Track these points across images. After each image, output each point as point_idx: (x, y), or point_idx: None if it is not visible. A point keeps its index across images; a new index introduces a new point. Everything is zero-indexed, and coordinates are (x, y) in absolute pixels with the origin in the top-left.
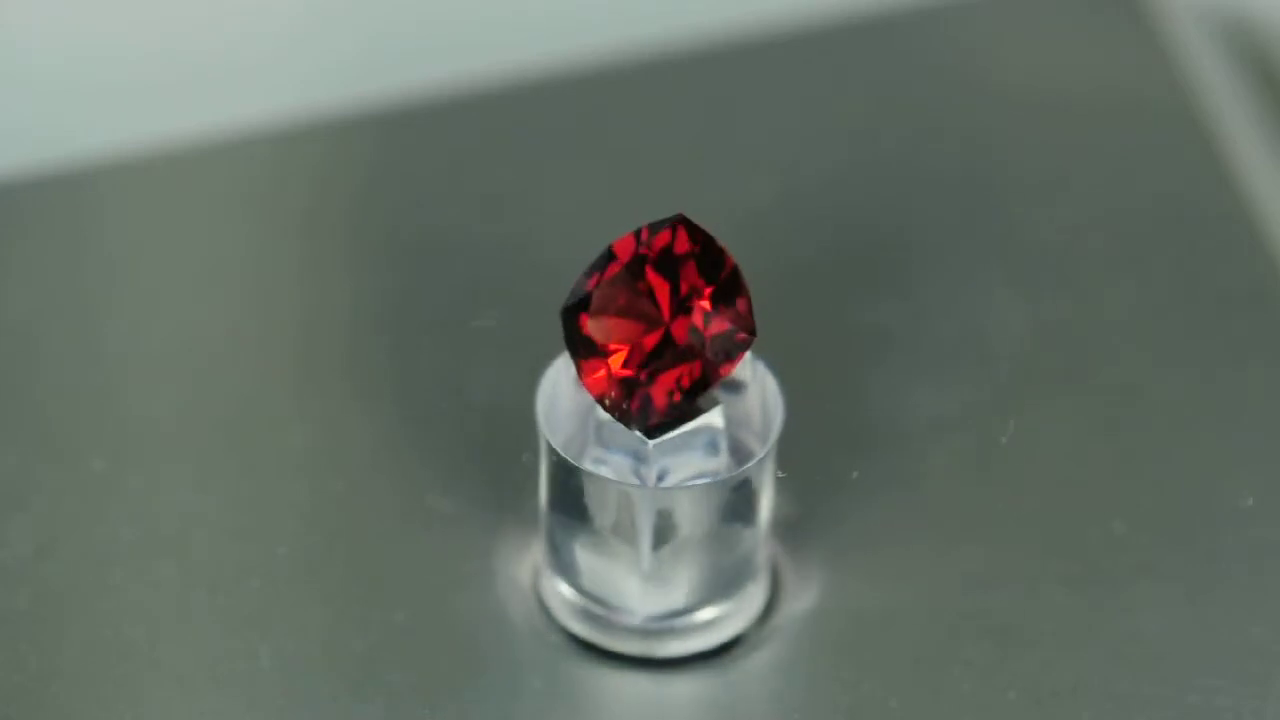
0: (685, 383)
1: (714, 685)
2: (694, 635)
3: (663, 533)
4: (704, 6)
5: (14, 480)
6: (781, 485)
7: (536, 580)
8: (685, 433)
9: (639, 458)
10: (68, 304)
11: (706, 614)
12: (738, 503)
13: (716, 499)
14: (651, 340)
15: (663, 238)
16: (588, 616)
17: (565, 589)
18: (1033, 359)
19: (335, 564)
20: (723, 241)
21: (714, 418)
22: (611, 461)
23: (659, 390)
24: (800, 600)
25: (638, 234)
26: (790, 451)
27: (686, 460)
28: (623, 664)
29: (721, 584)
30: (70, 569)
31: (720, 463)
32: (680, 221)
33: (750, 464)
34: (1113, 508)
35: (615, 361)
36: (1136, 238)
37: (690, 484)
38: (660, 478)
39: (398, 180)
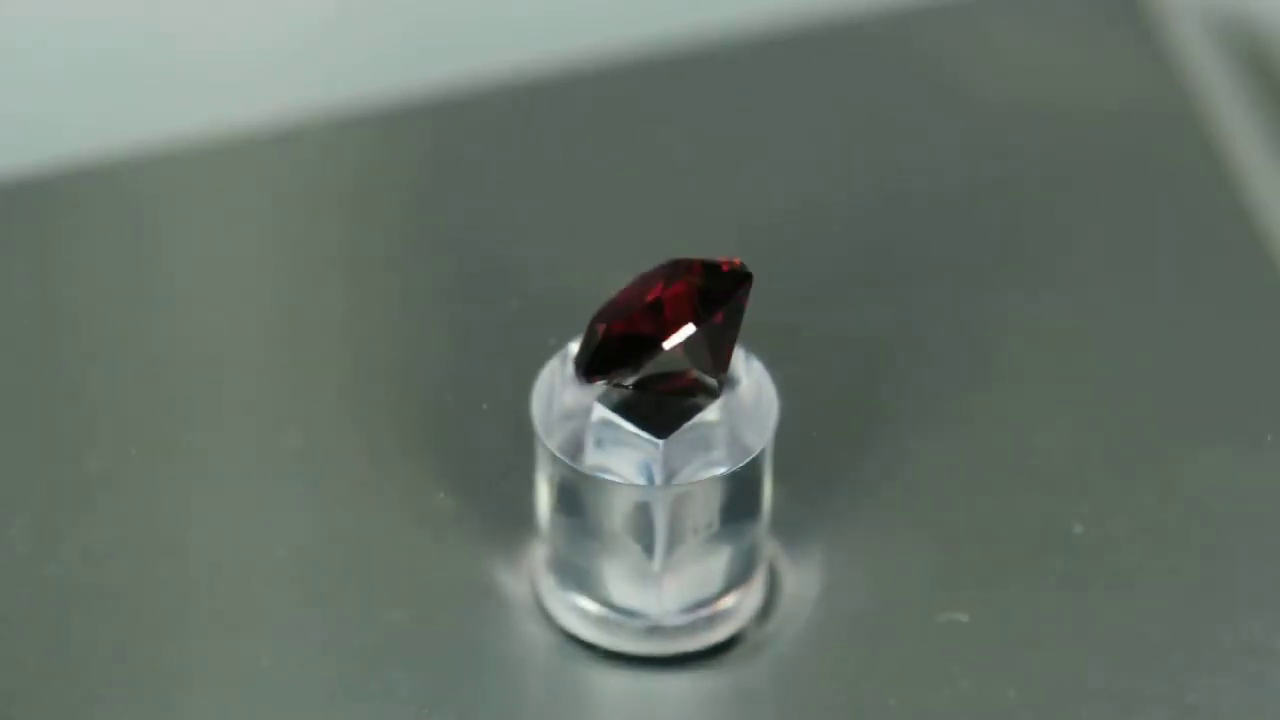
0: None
1: (714, 685)
2: (694, 635)
3: (557, 507)
4: (704, 6)
5: (14, 480)
6: (782, 484)
7: (536, 580)
8: (630, 435)
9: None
10: (67, 303)
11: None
12: (636, 520)
13: (597, 498)
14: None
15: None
16: (587, 615)
17: (552, 576)
18: (1033, 359)
19: (335, 564)
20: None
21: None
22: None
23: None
24: (800, 600)
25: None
26: (791, 450)
27: (621, 465)
28: (622, 663)
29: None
30: (70, 569)
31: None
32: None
33: (638, 484)
34: (1112, 508)
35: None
36: (1136, 238)
37: (585, 467)
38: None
39: (397, 180)
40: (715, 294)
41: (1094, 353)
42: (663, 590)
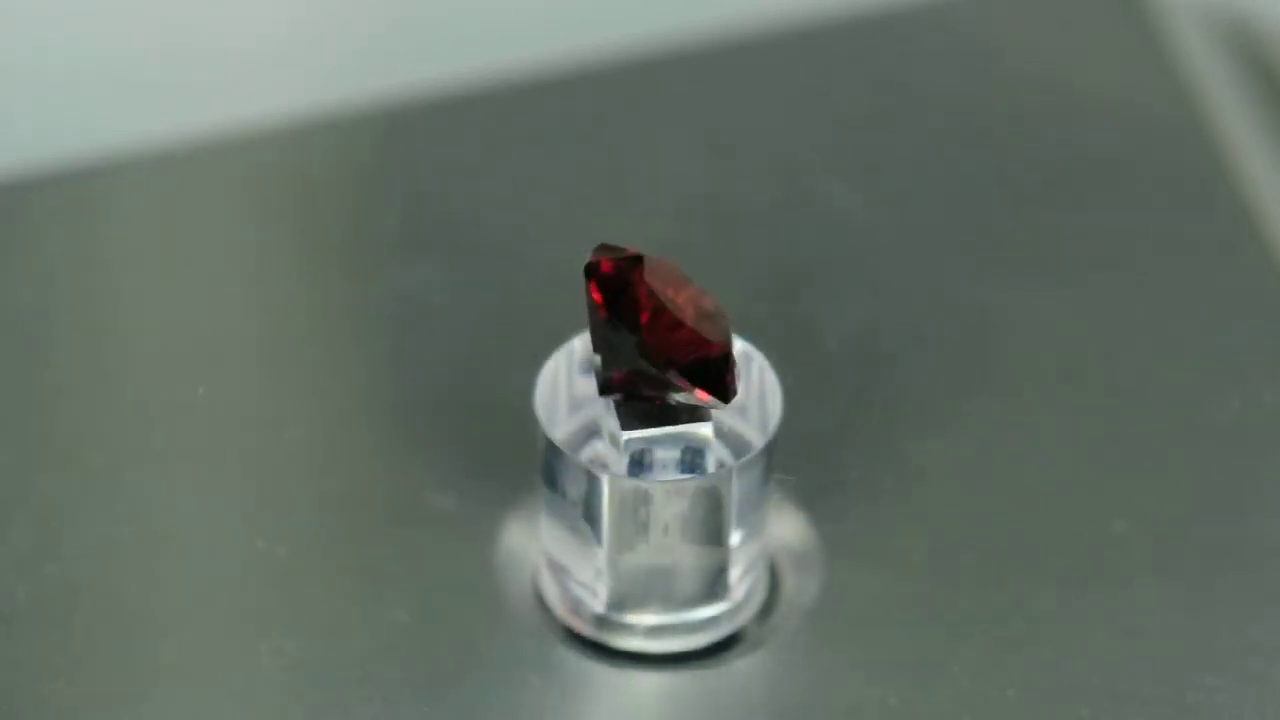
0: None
1: (714, 683)
2: (694, 634)
3: (559, 503)
4: (703, 6)
5: (14, 479)
6: (781, 483)
7: (536, 579)
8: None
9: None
10: (67, 303)
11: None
12: (639, 516)
13: (600, 494)
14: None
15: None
16: (588, 614)
17: (550, 571)
18: (1033, 359)
19: (335, 564)
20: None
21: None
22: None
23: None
24: (800, 599)
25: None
26: (791, 449)
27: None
28: (622, 661)
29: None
30: (70, 568)
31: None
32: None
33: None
34: (1113, 508)
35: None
36: (1136, 237)
37: (589, 463)
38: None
39: (397, 179)
40: (701, 376)
41: (1094, 352)
42: (665, 588)
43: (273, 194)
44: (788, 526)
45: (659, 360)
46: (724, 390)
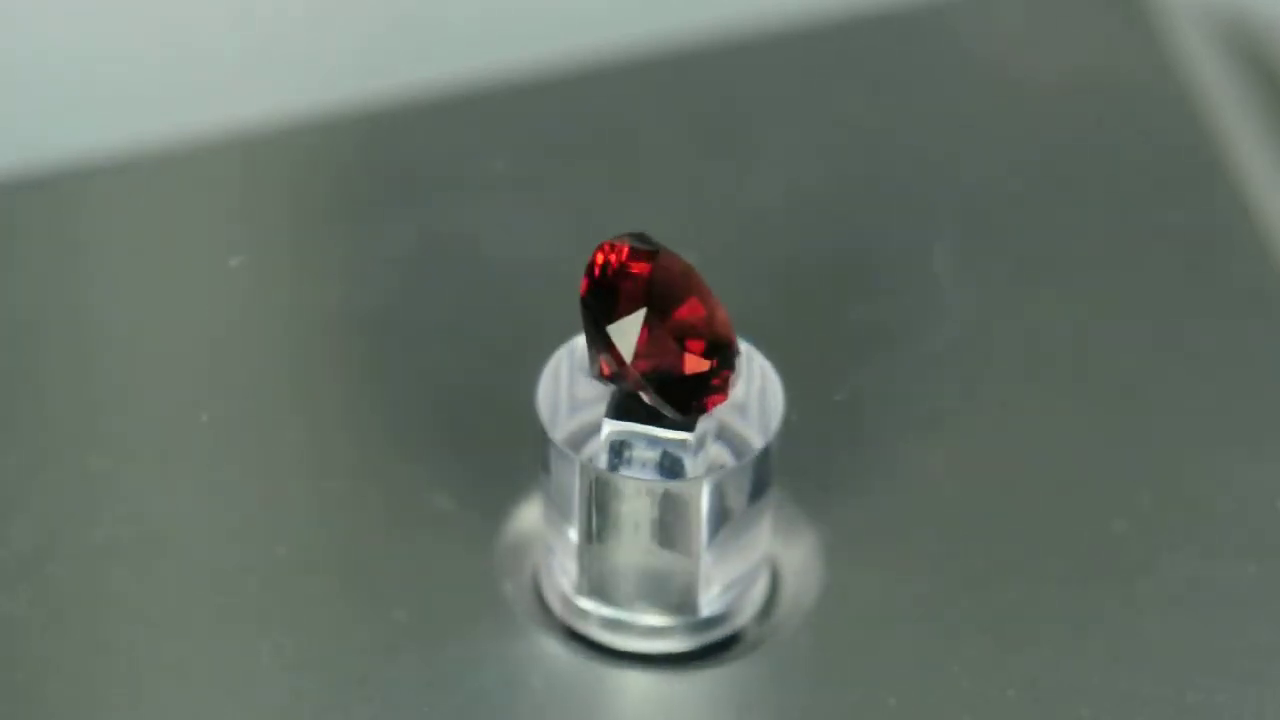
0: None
1: (713, 684)
2: (694, 634)
3: (560, 503)
4: (706, 4)
5: (14, 480)
6: (782, 483)
7: (536, 579)
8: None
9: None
10: (67, 304)
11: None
12: (639, 517)
13: (602, 494)
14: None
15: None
16: (588, 613)
17: (556, 580)
18: (1033, 359)
19: (335, 564)
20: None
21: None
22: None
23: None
24: (800, 599)
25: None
26: (792, 450)
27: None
28: (622, 662)
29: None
30: (70, 569)
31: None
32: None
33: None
34: (1113, 508)
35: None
36: (1136, 237)
37: (590, 463)
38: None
39: (397, 179)
40: (664, 387)
41: (1094, 353)
42: (632, 586)
43: (271, 194)
44: (787, 527)
45: (622, 356)
46: (684, 407)
